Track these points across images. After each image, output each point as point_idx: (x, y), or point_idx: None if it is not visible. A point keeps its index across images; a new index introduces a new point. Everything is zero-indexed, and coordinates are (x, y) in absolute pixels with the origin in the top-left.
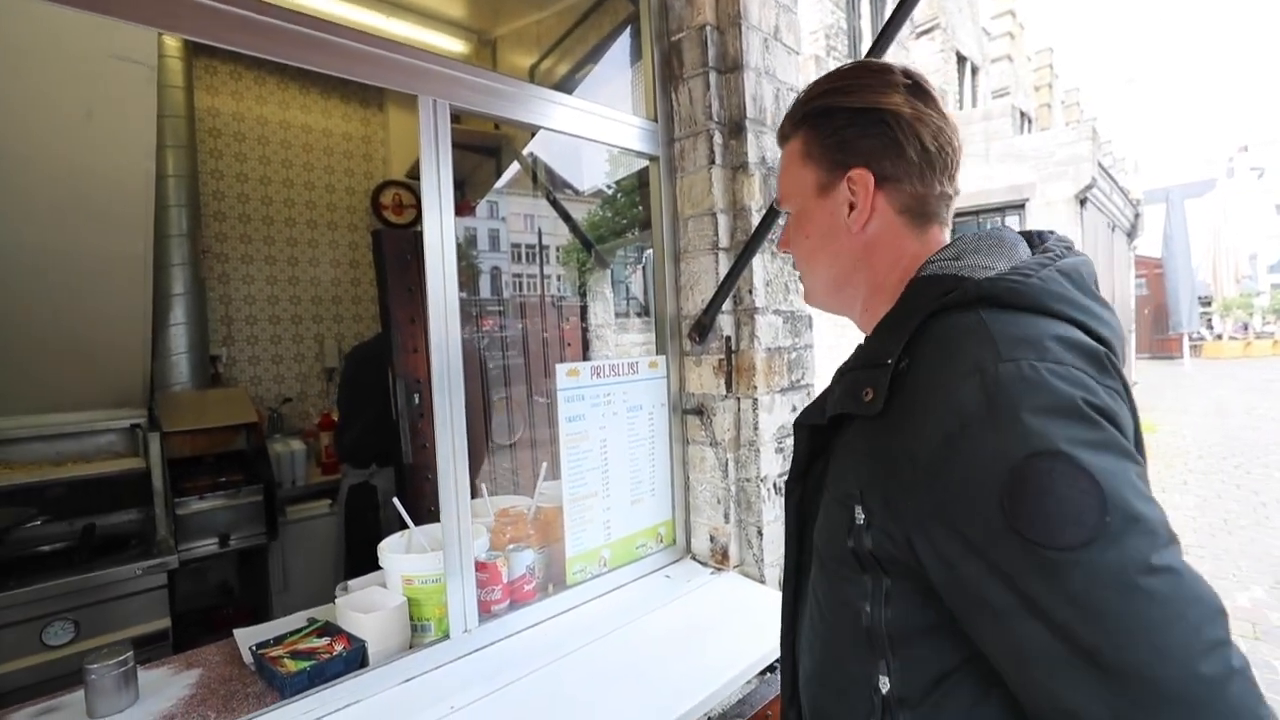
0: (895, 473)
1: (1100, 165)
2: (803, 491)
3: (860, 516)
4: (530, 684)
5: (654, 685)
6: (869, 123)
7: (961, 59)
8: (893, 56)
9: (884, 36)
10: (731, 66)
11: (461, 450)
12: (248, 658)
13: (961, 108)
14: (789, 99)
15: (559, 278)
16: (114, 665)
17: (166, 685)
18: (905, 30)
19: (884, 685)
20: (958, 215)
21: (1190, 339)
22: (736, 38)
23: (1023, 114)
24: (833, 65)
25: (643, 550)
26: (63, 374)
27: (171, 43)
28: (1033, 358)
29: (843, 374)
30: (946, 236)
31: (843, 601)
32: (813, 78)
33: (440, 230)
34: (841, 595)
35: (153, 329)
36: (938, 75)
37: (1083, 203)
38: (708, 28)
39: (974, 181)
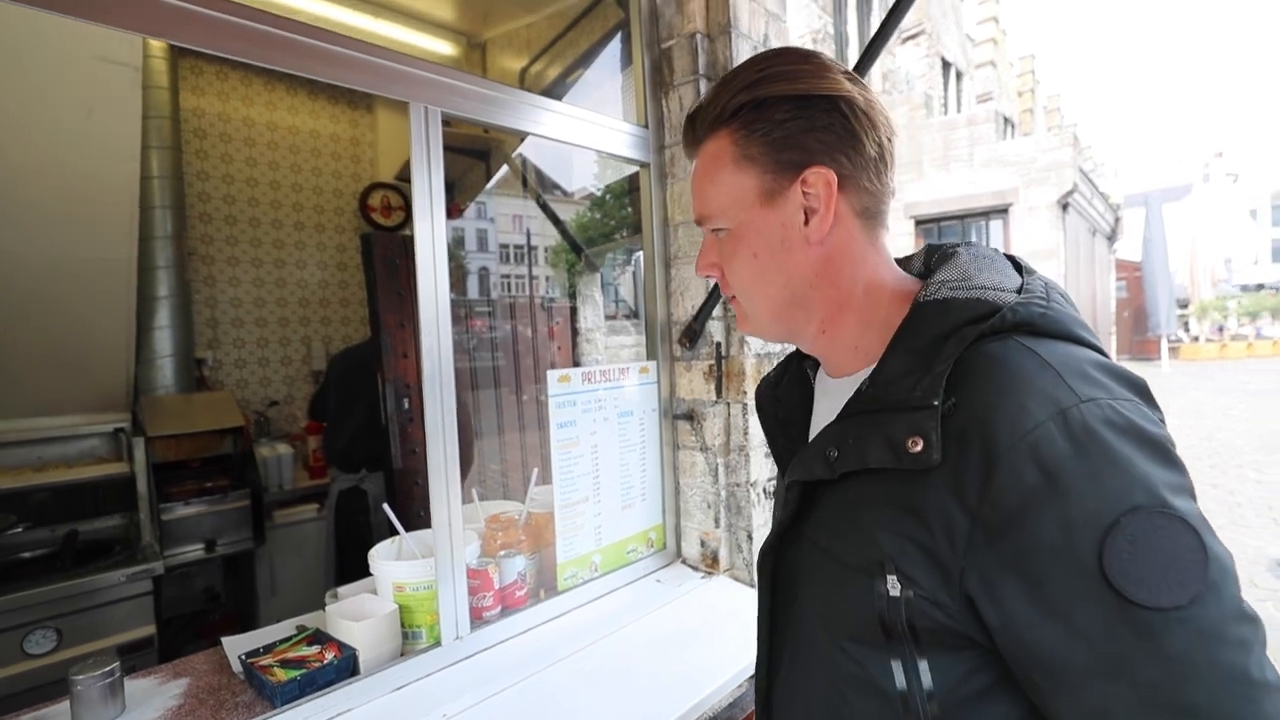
0: (950, 531)
1: (1081, 170)
2: (776, 560)
3: (894, 587)
4: (523, 690)
5: (646, 690)
6: (820, 112)
7: (946, 64)
8: (879, 62)
9: (876, 41)
10: (722, 74)
11: (453, 456)
12: (236, 666)
13: (946, 113)
14: None
15: (548, 279)
16: (100, 676)
17: (154, 695)
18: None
19: None
20: (945, 220)
21: (1168, 341)
22: (727, 46)
23: (1006, 119)
24: None
25: (634, 555)
26: (45, 378)
27: (156, 44)
28: (1105, 396)
29: (852, 415)
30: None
31: (864, 683)
32: None
33: (432, 235)
34: (861, 676)
35: (136, 332)
36: (923, 80)
37: (1064, 207)
38: (698, 35)
39: (958, 186)
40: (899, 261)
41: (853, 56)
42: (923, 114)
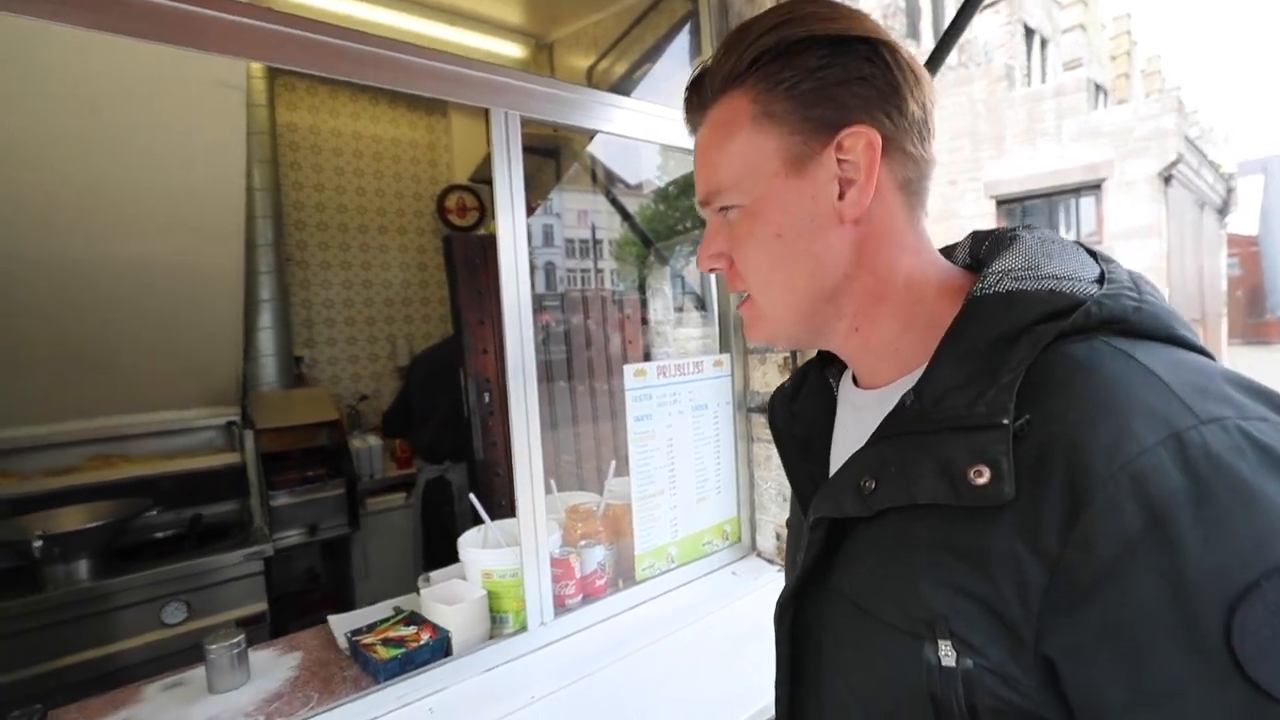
0: (1023, 585)
1: (1187, 138)
2: (796, 613)
3: (947, 655)
4: (605, 677)
5: (723, 681)
6: (858, 59)
7: (1029, 31)
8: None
9: (961, 16)
10: None
11: (536, 448)
12: (342, 643)
13: (1030, 84)
14: None
15: (614, 273)
16: (229, 646)
17: (274, 666)
18: None
19: None
20: (1029, 199)
21: None
22: None
23: (1098, 87)
24: None
25: (709, 547)
26: (169, 375)
27: (256, 65)
28: (1235, 415)
29: (892, 437)
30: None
31: None
32: None
33: (513, 233)
34: None
35: (244, 333)
36: (1003, 50)
37: (1167, 180)
38: None
39: (1045, 162)
40: (941, 251)
41: (925, 30)
42: (1004, 86)
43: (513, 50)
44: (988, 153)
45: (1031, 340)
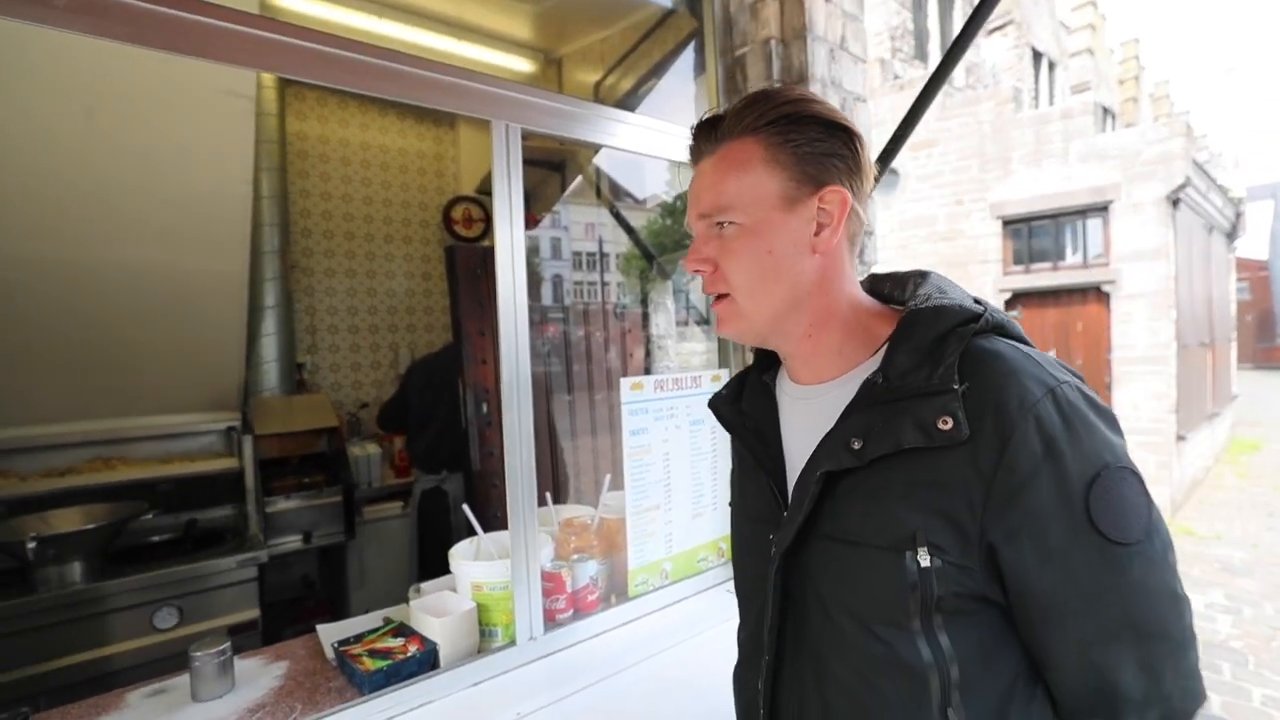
0: (971, 499)
1: (1195, 162)
2: (788, 562)
3: (925, 558)
4: (594, 694)
5: (715, 702)
6: (841, 142)
7: (1037, 55)
8: (963, 57)
9: (964, 36)
10: (797, 79)
11: (529, 461)
12: (329, 653)
13: (1037, 106)
14: (856, 109)
15: (619, 285)
16: (215, 654)
17: (259, 675)
18: None
19: None
20: (1035, 220)
21: None
22: (802, 50)
23: (1106, 110)
24: (899, 67)
25: (704, 564)
26: (171, 379)
27: (267, 75)
28: (1073, 380)
29: (871, 407)
30: None
31: (892, 663)
32: (878, 83)
33: (511, 246)
34: (889, 657)
35: (247, 339)
36: (1011, 73)
37: (1175, 203)
38: (772, 41)
39: (1051, 184)
40: None
41: (934, 52)
42: (1011, 108)
43: (522, 65)
44: (994, 173)
45: (958, 337)
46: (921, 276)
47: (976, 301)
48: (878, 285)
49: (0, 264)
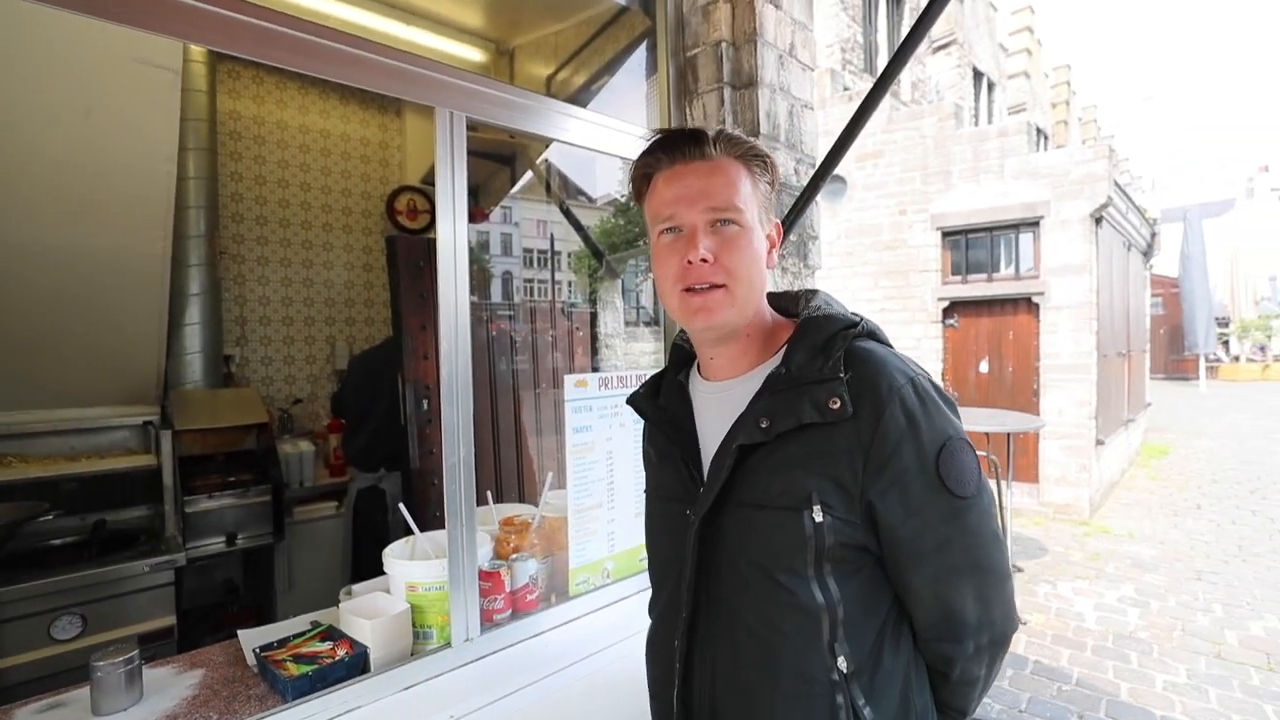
0: (853, 465)
1: (1116, 184)
2: (706, 527)
3: (818, 514)
4: (531, 695)
5: None
6: (775, 188)
7: (978, 75)
8: (908, 72)
9: (903, 50)
10: (746, 82)
11: (468, 459)
12: (251, 659)
13: (977, 123)
14: (803, 115)
15: (570, 284)
16: (120, 663)
17: (170, 684)
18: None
19: (844, 666)
20: (972, 232)
21: (1206, 360)
22: (752, 54)
23: (1039, 131)
24: (849, 79)
25: (646, 563)
26: (79, 369)
27: (196, 49)
28: (924, 373)
29: (775, 393)
30: None
31: (792, 606)
32: (828, 93)
33: (453, 237)
34: (790, 601)
35: (168, 328)
36: (954, 91)
37: (1098, 221)
38: (723, 44)
39: (987, 199)
40: None
41: (882, 67)
42: (952, 124)
43: (473, 54)
44: (936, 186)
45: (842, 339)
46: (812, 293)
47: (856, 314)
48: (776, 300)
49: None
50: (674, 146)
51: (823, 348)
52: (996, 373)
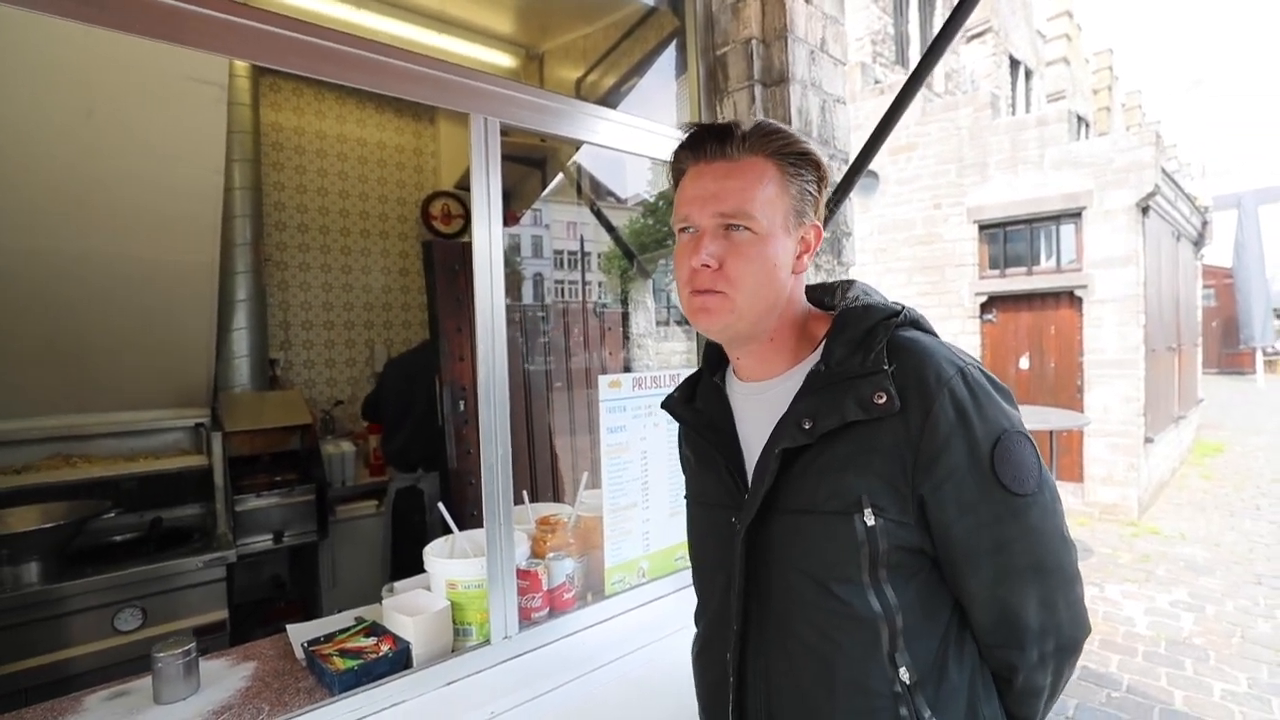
0: (903, 462)
1: (1164, 171)
2: (753, 536)
3: (870, 519)
4: (568, 693)
5: (689, 699)
6: (820, 184)
7: (1015, 63)
8: (942, 63)
9: (938, 43)
10: (777, 79)
11: (505, 458)
12: (299, 653)
13: (1014, 113)
14: (836, 111)
15: (600, 285)
16: (179, 655)
17: (225, 676)
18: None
19: (906, 677)
20: (1011, 225)
21: (1264, 354)
22: (783, 51)
23: (1080, 118)
24: (880, 72)
25: (681, 563)
26: (136, 374)
27: (240, 64)
28: (976, 363)
29: (816, 391)
30: None
31: (847, 617)
32: (859, 87)
33: (489, 241)
34: (845, 612)
35: (217, 333)
36: (989, 80)
37: (1145, 211)
38: (754, 41)
39: (1026, 190)
40: None
41: (914, 57)
42: (989, 114)
43: (504, 60)
44: (972, 178)
45: (884, 329)
46: (849, 284)
47: (898, 303)
48: (812, 293)
49: None
50: (698, 144)
51: (863, 340)
52: (1038, 369)
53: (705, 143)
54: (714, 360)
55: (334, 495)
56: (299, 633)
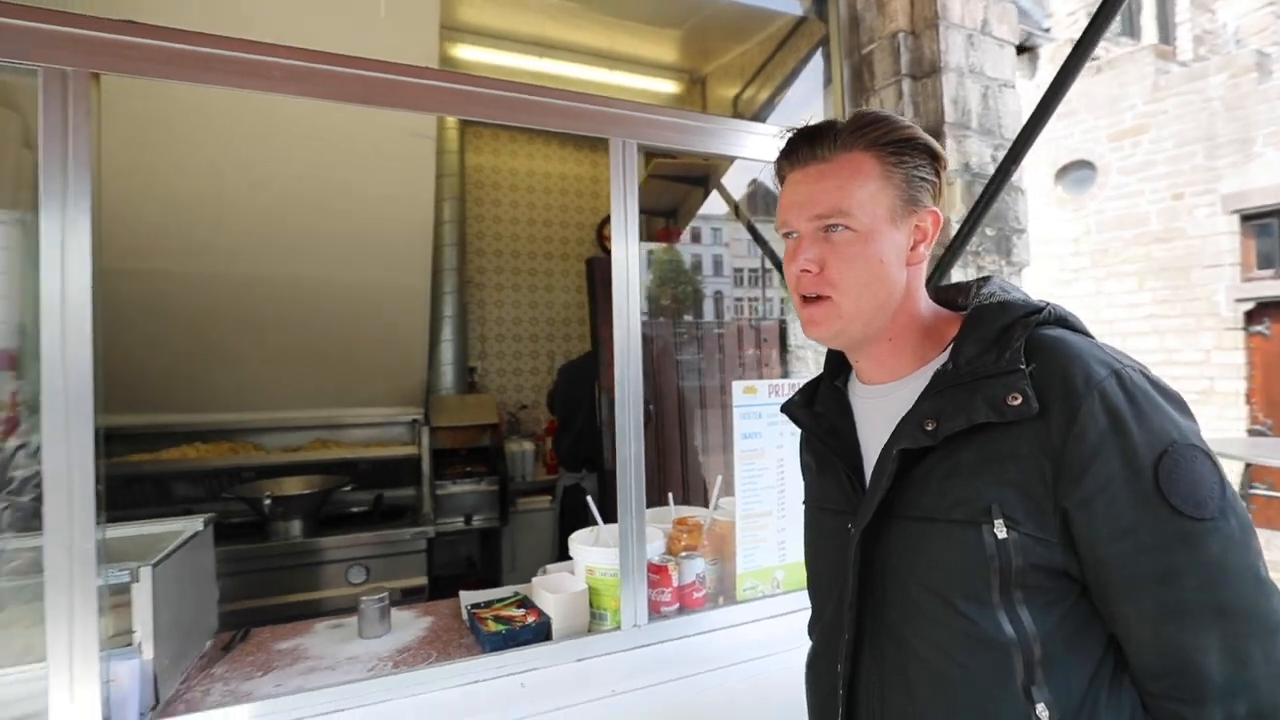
0: (1043, 472)
1: None
2: (867, 544)
3: (1001, 531)
4: (688, 686)
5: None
6: (935, 168)
7: None
8: (1188, 25)
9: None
10: (928, 70)
11: (638, 455)
12: (464, 615)
13: None
14: (1001, 96)
15: (783, 300)
16: (375, 601)
17: (410, 625)
18: None
19: (1044, 714)
20: None
21: None
22: (934, 40)
23: None
24: (1100, 45)
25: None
26: (371, 377)
27: (450, 117)
28: (1138, 365)
29: (942, 391)
30: None
31: (975, 639)
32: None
33: (626, 258)
34: (972, 634)
35: (429, 344)
36: (1262, 37)
37: None
38: (900, 34)
39: None
40: None
41: (1147, 24)
42: (1254, 78)
43: (669, 87)
44: (1228, 159)
45: (1023, 326)
46: (984, 280)
47: (1041, 300)
48: (944, 294)
49: (260, 284)
50: (792, 150)
51: (998, 338)
52: None
53: (798, 148)
54: (835, 364)
55: (515, 488)
56: (468, 597)
